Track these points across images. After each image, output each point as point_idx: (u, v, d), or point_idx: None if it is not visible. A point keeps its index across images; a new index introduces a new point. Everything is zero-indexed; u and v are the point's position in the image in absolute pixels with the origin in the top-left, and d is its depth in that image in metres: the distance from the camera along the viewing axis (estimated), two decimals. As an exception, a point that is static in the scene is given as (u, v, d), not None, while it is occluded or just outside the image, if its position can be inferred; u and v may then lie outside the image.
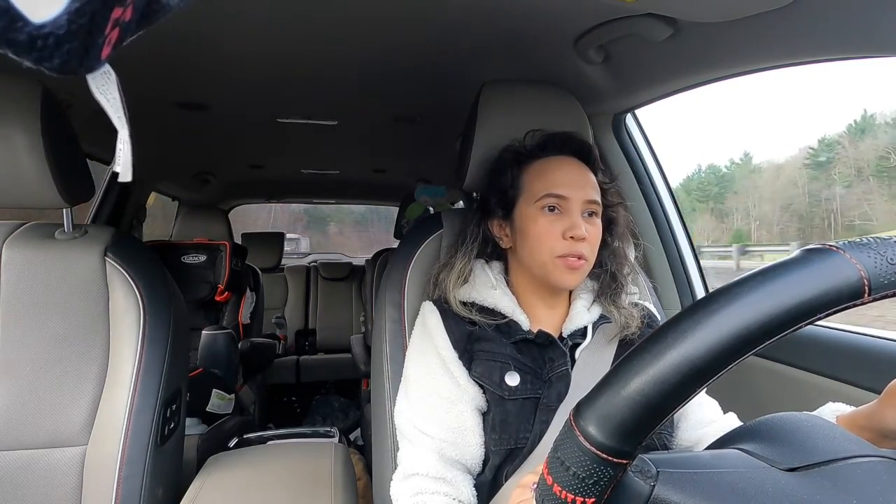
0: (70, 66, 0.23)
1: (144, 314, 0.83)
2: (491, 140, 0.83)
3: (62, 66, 0.22)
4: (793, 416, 0.39)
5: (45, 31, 0.21)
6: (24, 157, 0.75)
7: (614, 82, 1.03)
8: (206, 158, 2.03)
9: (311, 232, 6.83)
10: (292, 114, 1.43)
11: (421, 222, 0.92)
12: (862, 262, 0.28)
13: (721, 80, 0.94)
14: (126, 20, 0.24)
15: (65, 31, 0.21)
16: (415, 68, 1.09)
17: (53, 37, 0.21)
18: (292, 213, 6.54)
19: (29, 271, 0.82)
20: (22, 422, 0.78)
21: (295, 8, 0.81)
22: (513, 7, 0.80)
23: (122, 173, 0.31)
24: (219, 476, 0.88)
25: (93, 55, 0.23)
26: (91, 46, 0.23)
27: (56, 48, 0.21)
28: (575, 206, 0.69)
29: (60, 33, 0.21)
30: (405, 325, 0.81)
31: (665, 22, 0.77)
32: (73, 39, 0.22)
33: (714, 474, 0.33)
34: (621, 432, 0.28)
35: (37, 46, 0.21)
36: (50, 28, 0.21)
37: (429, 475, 0.65)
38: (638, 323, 0.73)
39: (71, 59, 0.22)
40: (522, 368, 0.69)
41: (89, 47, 0.23)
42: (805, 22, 0.68)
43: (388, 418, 0.77)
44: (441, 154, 1.71)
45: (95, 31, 0.23)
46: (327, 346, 3.04)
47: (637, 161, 1.27)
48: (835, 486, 0.32)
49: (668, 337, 0.28)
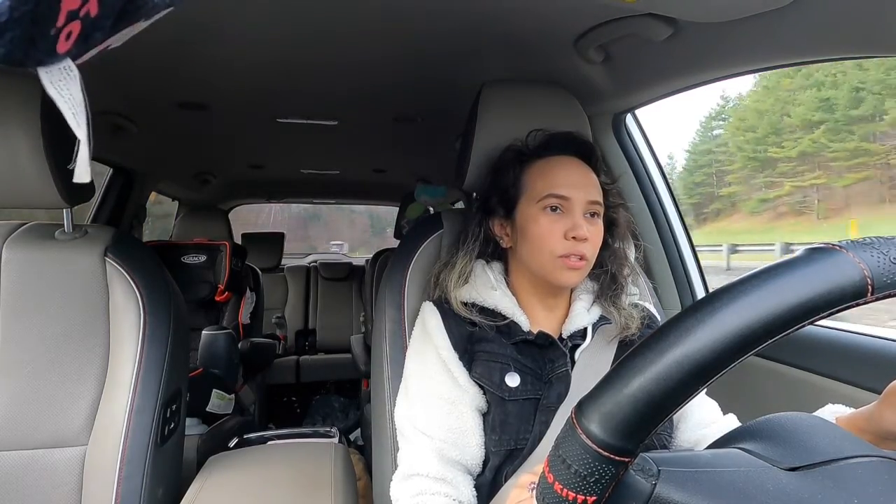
0: (14, 57, 0.21)
1: (144, 314, 0.83)
2: (491, 140, 0.83)
3: (5, 57, 0.21)
4: (793, 416, 0.39)
5: None
6: (25, 158, 0.75)
7: (614, 82, 1.03)
8: (206, 158, 2.03)
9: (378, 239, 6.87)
10: (292, 114, 1.43)
11: (421, 222, 0.92)
12: (865, 262, 0.28)
13: (721, 79, 0.94)
14: (93, 16, 0.23)
15: (6, 19, 0.20)
16: (415, 68, 1.09)
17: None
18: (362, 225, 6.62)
19: (29, 271, 0.81)
20: (22, 422, 0.78)
21: (295, 8, 0.81)
22: (513, 7, 0.80)
23: (78, 174, 0.30)
24: (219, 476, 0.88)
25: (42, 47, 0.22)
26: (39, 37, 0.22)
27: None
28: (577, 206, 0.69)
29: (2, 20, 0.20)
30: (405, 325, 0.81)
31: (665, 22, 0.77)
32: (16, 28, 0.21)
33: (715, 473, 0.33)
34: (623, 430, 0.28)
35: None
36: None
37: (429, 475, 0.65)
38: (638, 324, 0.73)
39: (14, 49, 0.21)
40: (522, 369, 0.69)
41: (36, 38, 0.22)
42: (805, 22, 0.68)
43: (388, 418, 0.77)
44: (441, 154, 1.71)
45: (43, 21, 0.21)
46: (327, 346, 3.04)
47: (637, 161, 1.27)
48: (836, 486, 0.32)
49: (671, 335, 0.28)
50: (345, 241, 5.44)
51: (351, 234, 7.33)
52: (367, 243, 7.18)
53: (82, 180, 0.30)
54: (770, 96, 24.81)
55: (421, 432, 0.67)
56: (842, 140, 18.32)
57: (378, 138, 1.74)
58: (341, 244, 5.17)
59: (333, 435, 1.27)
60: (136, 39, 0.25)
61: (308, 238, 7.46)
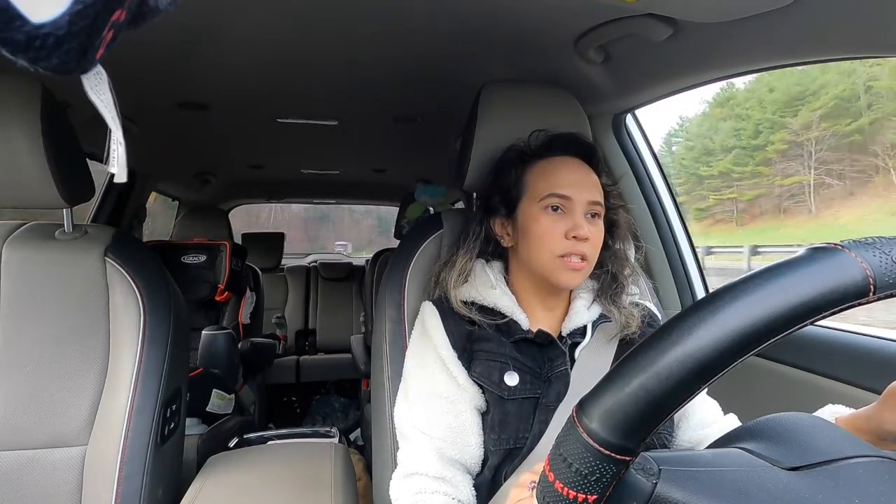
0: (67, 67, 0.23)
1: (144, 314, 0.83)
2: (491, 140, 0.83)
3: (59, 67, 0.22)
4: (794, 416, 0.39)
5: (44, 31, 0.21)
6: (25, 158, 0.75)
7: (614, 82, 1.03)
8: (206, 158, 2.03)
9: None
10: (292, 114, 1.43)
11: (421, 222, 0.92)
12: (867, 261, 0.28)
13: (721, 79, 0.94)
14: (120, 21, 0.24)
15: (65, 32, 0.21)
16: (415, 68, 1.09)
17: (53, 37, 0.21)
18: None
19: (29, 271, 0.81)
20: (22, 422, 0.78)
21: (295, 8, 0.81)
22: (513, 7, 0.80)
23: (117, 174, 0.31)
24: (219, 476, 0.88)
25: (90, 56, 0.23)
26: (89, 48, 0.23)
27: (55, 48, 0.21)
28: (578, 206, 0.69)
29: (60, 34, 0.21)
30: (405, 325, 0.81)
31: (665, 22, 0.77)
32: (73, 40, 0.22)
33: (716, 473, 0.33)
34: (624, 429, 0.28)
35: (34, 46, 0.21)
36: (49, 28, 0.21)
37: (428, 475, 0.65)
38: (638, 322, 0.73)
39: (69, 60, 0.22)
40: (522, 368, 0.69)
41: (87, 49, 0.23)
42: (805, 22, 0.68)
43: (388, 418, 0.77)
44: (441, 154, 1.71)
45: (94, 33, 0.23)
46: (327, 346, 3.04)
47: (637, 161, 1.27)
48: (837, 486, 0.32)
49: (673, 334, 0.28)
50: (349, 242, 5.55)
51: (358, 234, 7.48)
52: (372, 242, 7.31)
53: (121, 180, 0.31)
54: (706, 122, 29.82)
55: (420, 431, 0.67)
56: (744, 164, 24.31)
57: (378, 138, 1.74)
58: (345, 244, 5.28)
59: (333, 435, 1.27)
60: (137, 40, 0.26)
61: (318, 238, 7.66)
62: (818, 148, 20.83)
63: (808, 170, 20.92)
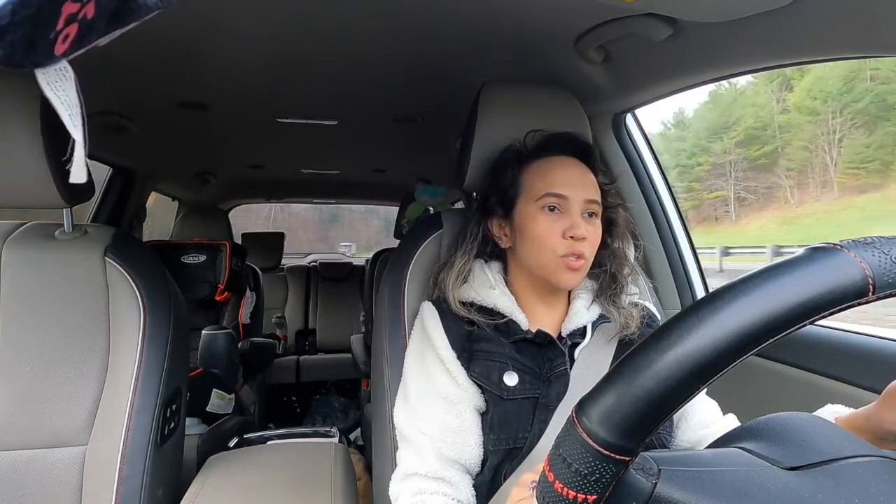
0: (13, 59, 0.22)
1: (144, 314, 0.83)
2: (491, 140, 0.83)
3: (4, 58, 0.22)
4: (794, 416, 0.39)
5: None
6: (25, 158, 0.75)
7: (614, 82, 1.03)
8: (206, 158, 2.03)
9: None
10: (292, 114, 1.43)
11: (421, 222, 0.92)
12: (867, 261, 0.28)
13: (721, 79, 0.94)
14: (88, 18, 0.23)
15: (7, 22, 0.21)
16: (415, 68, 1.09)
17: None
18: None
19: (29, 271, 0.81)
20: (22, 421, 0.78)
21: (295, 7, 0.81)
22: (513, 7, 0.80)
23: (74, 174, 0.30)
24: (219, 476, 0.88)
25: (41, 49, 0.23)
26: (38, 39, 0.22)
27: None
28: (575, 205, 0.69)
29: (3, 23, 0.21)
30: (405, 325, 0.81)
31: (665, 22, 0.77)
32: (17, 31, 0.21)
33: (716, 472, 0.33)
34: (624, 429, 0.28)
35: None
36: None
37: (428, 475, 0.65)
38: (637, 323, 0.73)
39: (14, 52, 0.22)
40: (521, 368, 0.68)
41: (36, 40, 0.22)
42: (805, 22, 0.68)
43: (388, 418, 0.77)
44: (441, 154, 1.71)
45: (43, 25, 0.22)
46: (327, 346, 3.04)
47: (637, 161, 1.27)
48: (837, 485, 0.32)
49: (673, 334, 0.28)
50: (353, 243, 5.60)
51: (367, 234, 7.62)
52: (380, 243, 7.53)
53: (79, 180, 0.30)
54: (662, 141, 33.49)
55: (420, 432, 0.67)
56: (682, 180, 28.66)
57: (378, 138, 1.74)
58: (349, 245, 5.34)
59: (333, 435, 1.27)
60: (137, 39, 0.25)
61: (328, 239, 7.87)
62: (735, 169, 25.86)
63: (729, 186, 25.92)
